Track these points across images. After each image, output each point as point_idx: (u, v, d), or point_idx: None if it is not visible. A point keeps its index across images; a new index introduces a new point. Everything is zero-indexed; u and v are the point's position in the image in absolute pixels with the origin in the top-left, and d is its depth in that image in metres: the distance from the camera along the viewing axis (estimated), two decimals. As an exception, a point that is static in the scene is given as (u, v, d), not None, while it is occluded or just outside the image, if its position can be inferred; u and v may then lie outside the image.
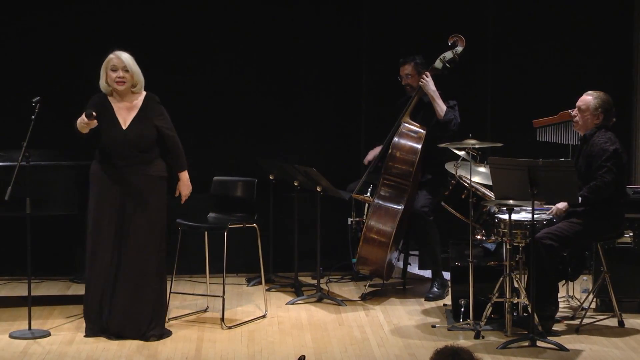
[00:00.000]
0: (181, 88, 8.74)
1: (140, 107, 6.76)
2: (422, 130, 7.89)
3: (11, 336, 6.89)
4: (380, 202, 7.82)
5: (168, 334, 6.85)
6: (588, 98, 7.05)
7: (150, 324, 6.74)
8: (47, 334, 6.92)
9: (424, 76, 7.94)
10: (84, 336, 6.75)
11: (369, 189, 7.98)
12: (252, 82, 8.87)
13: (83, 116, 6.55)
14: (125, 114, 6.74)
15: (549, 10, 8.96)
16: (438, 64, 7.99)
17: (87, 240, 6.77)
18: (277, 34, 8.86)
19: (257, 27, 8.84)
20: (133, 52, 6.80)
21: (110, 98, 6.77)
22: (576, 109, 7.08)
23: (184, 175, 6.90)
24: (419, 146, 7.82)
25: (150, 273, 6.73)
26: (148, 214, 6.70)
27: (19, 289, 7.99)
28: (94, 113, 6.55)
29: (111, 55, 6.73)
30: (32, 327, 6.93)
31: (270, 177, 8.21)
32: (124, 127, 6.70)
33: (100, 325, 6.76)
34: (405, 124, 7.92)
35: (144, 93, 6.80)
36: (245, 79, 8.86)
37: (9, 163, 6.99)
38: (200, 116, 8.79)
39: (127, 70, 6.70)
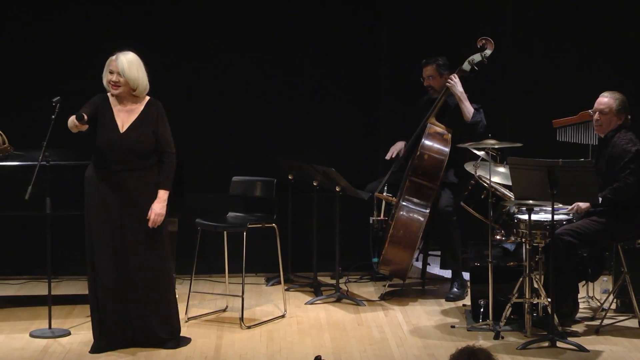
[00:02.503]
0: (201, 88, 8.77)
1: (140, 112, 6.54)
2: (448, 132, 7.87)
3: (31, 335, 6.91)
4: (406, 203, 7.79)
5: (186, 341, 6.69)
6: (609, 100, 7.01)
7: (165, 332, 6.59)
8: (67, 333, 6.94)
9: (452, 77, 7.91)
10: (89, 352, 6.53)
11: (385, 188, 7.97)
12: (271, 81, 8.87)
13: (74, 117, 6.34)
14: (125, 118, 6.52)
15: (568, 10, 8.92)
16: (466, 66, 7.96)
17: (87, 249, 6.56)
18: (296, 33, 8.85)
19: (277, 25, 8.84)
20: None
21: (112, 99, 6.57)
22: (597, 112, 7.04)
23: (163, 194, 6.47)
24: (447, 149, 7.81)
25: (155, 280, 6.54)
26: (145, 221, 6.45)
27: (38, 288, 8.01)
28: (85, 117, 6.32)
29: (112, 57, 6.52)
30: (52, 326, 6.95)
31: (290, 177, 8.21)
32: (121, 131, 6.48)
33: (111, 339, 6.55)
34: (432, 125, 7.90)
35: (147, 98, 6.58)
36: (264, 78, 8.86)
37: (29, 163, 7.01)
38: (219, 116, 8.81)
39: (121, 75, 6.47)
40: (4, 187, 7.06)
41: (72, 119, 6.38)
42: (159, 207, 6.46)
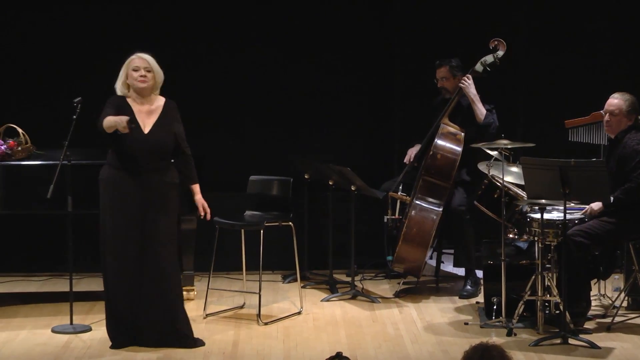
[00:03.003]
0: (219, 90, 8.78)
1: (160, 113, 6.54)
2: (461, 132, 7.87)
3: (53, 330, 6.94)
4: (420, 202, 7.80)
5: (201, 343, 6.64)
6: (619, 102, 7.00)
7: (178, 331, 6.57)
8: (88, 329, 6.96)
9: (465, 79, 7.91)
10: (110, 347, 6.55)
11: (400, 188, 7.98)
12: (288, 83, 8.87)
13: (124, 120, 6.27)
14: (145, 119, 6.51)
15: (580, 12, 8.90)
16: (479, 67, 7.96)
17: (104, 250, 6.54)
18: (313, 35, 8.86)
19: (291, 25, 8.83)
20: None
21: (129, 100, 6.54)
22: (607, 113, 7.04)
23: (198, 188, 6.65)
24: (460, 148, 7.81)
25: (173, 281, 6.56)
26: (166, 220, 6.49)
27: (60, 285, 8.04)
28: (134, 125, 6.32)
29: (133, 56, 6.52)
30: (74, 322, 6.97)
31: (306, 177, 8.22)
32: (145, 132, 6.48)
33: (125, 335, 6.56)
34: (445, 126, 7.91)
35: (163, 99, 6.59)
36: (282, 80, 8.86)
37: (50, 162, 7.04)
38: (236, 117, 8.82)
39: (149, 71, 6.49)
40: (27, 186, 7.11)
41: (120, 121, 6.27)
42: (202, 199, 6.65)
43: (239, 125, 8.82)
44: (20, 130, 7.28)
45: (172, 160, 6.61)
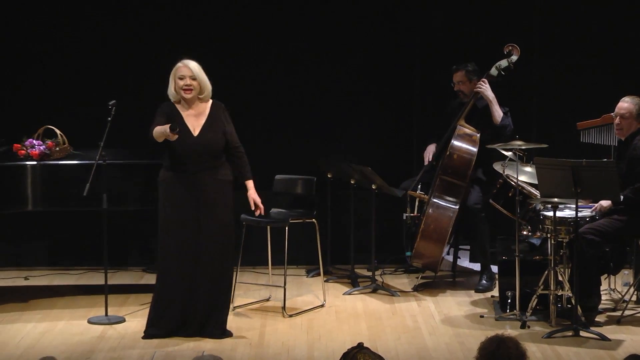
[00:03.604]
0: (246, 93, 8.79)
1: (208, 114, 6.58)
2: (476, 134, 7.87)
3: (89, 321, 6.99)
4: (437, 200, 7.81)
5: (229, 334, 6.67)
6: (629, 105, 6.99)
7: (215, 323, 6.60)
8: (122, 320, 7.00)
9: (482, 82, 7.91)
10: (142, 337, 6.59)
11: (419, 187, 7.98)
12: (311, 86, 8.86)
13: (167, 128, 6.32)
14: (194, 121, 6.56)
15: (592, 18, 8.86)
16: (494, 71, 7.96)
17: (160, 246, 6.61)
18: (334, 39, 8.85)
19: (316, 29, 8.82)
20: (201, 55, 6.72)
21: (178, 106, 6.58)
22: (617, 116, 7.02)
23: (252, 183, 6.71)
24: (475, 149, 7.81)
25: (223, 275, 6.60)
26: (220, 218, 6.54)
27: (96, 278, 8.07)
28: (177, 127, 6.36)
29: (179, 64, 6.54)
30: (109, 314, 7.01)
31: (329, 176, 8.23)
32: (194, 134, 6.53)
33: (165, 326, 6.60)
34: (461, 127, 7.91)
35: (210, 101, 6.63)
36: (305, 83, 8.86)
37: (86, 161, 7.07)
38: (263, 119, 8.83)
39: (194, 79, 6.52)
40: (64, 185, 7.12)
41: (164, 129, 6.33)
42: (256, 196, 6.68)
43: (266, 127, 8.83)
44: (58, 132, 7.31)
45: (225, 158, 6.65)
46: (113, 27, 8.70)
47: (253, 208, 6.73)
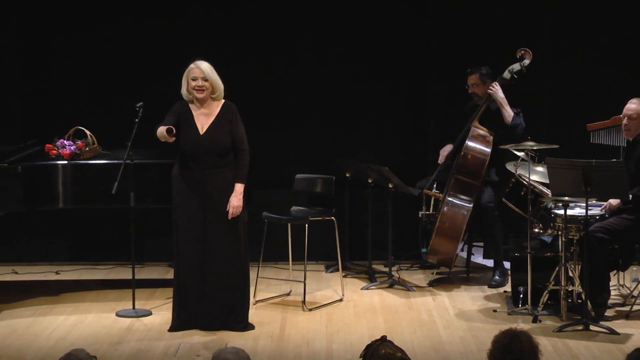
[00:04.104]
0: (268, 95, 8.81)
1: (217, 114, 6.58)
2: (490, 135, 7.86)
3: (117, 314, 7.02)
4: (452, 199, 7.80)
5: (251, 327, 6.69)
6: (636, 107, 6.96)
7: (235, 317, 6.62)
8: (149, 313, 7.03)
9: (493, 85, 7.90)
10: (168, 330, 6.62)
11: (434, 186, 7.98)
12: (330, 87, 8.86)
13: (164, 130, 6.37)
14: (204, 120, 6.56)
15: (602, 22, 8.83)
16: (506, 74, 7.95)
17: (173, 240, 6.64)
18: (353, 40, 8.84)
19: (336, 31, 8.81)
20: (217, 56, 6.71)
21: (191, 105, 6.59)
22: (625, 117, 6.99)
23: (239, 187, 6.51)
24: (489, 149, 7.80)
25: (237, 271, 6.59)
26: (226, 215, 6.50)
27: (123, 273, 8.10)
28: (174, 130, 6.38)
29: (192, 65, 6.56)
30: (136, 307, 7.04)
31: (347, 175, 8.24)
32: (201, 133, 6.54)
33: (187, 319, 6.62)
34: (475, 128, 7.90)
35: (222, 101, 6.63)
36: (324, 85, 8.86)
37: (115, 161, 7.09)
38: (283, 120, 8.84)
39: (205, 80, 6.52)
40: (94, 183, 7.14)
41: (162, 132, 6.39)
42: (236, 200, 6.51)
43: (287, 128, 8.84)
44: (87, 132, 7.35)
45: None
46: (140, 31, 8.73)
47: (227, 209, 6.53)
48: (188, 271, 6.60)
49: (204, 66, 6.56)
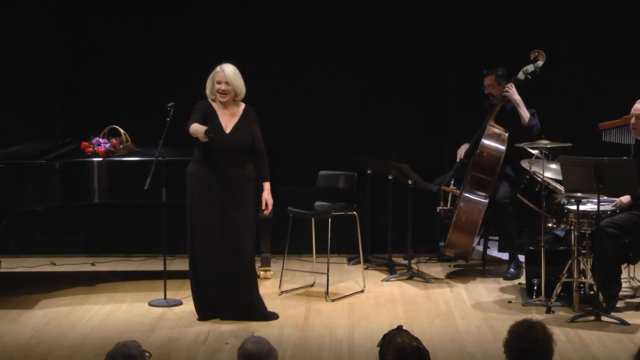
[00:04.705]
0: (292, 95, 8.82)
1: (240, 116, 6.61)
2: (505, 133, 7.86)
3: (150, 304, 7.06)
4: (468, 195, 7.80)
5: (275, 316, 6.72)
6: (644, 106, 6.94)
7: (254, 307, 6.64)
8: (179, 303, 7.05)
9: (509, 86, 7.89)
10: (197, 319, 6.65)
11: (452, 182, 7.98)
12: (352, 87, 8.85)
13: (202, 130, 6.39)
14: (227, 121, 6.59)
15: (615, 24, 8.78)
16: (521, 75, 7.94)
17: (190, 235, 6.63)
18: (372, 41, 8.82)
19: (355, 30, 8.79)
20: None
21: (214, 104, 6.63)
22: (634, 117, 6.96)
23: (268, 185, 6.65)
24: (504, 147, 7.80)
25: (247, 261, 6.61)
26: (244, 209, 6.55)
27: (155, 265, 8.11)
28: (212, 134, 6.42)
29: (217, 69, 6.58)
30: (167, 297, 7.07)
31: (368, 172, 8.24)
32: (226, 132, 6.58)
33: (210, 310, 6.66)
34: (491, 127, 7.89)
35: (243, 104, 6.66)
36: (347, 85, 8.85)
37: (147, 158, 7.13)
38: (307, 119, 8.84)
39: (229, 84, 6.53)
40: (127, 179, 7.18)
41: (200, 130, 6.39)
42: (270, 197, 6.64)
43: (311, 126, 8.84)
44: (121, 131, 7.39)
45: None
46: (171, 35, 8.77)
47: (264, 207, 6.67)
48: (206, 263, 6.60)
49: (229, 70, 6.57)
